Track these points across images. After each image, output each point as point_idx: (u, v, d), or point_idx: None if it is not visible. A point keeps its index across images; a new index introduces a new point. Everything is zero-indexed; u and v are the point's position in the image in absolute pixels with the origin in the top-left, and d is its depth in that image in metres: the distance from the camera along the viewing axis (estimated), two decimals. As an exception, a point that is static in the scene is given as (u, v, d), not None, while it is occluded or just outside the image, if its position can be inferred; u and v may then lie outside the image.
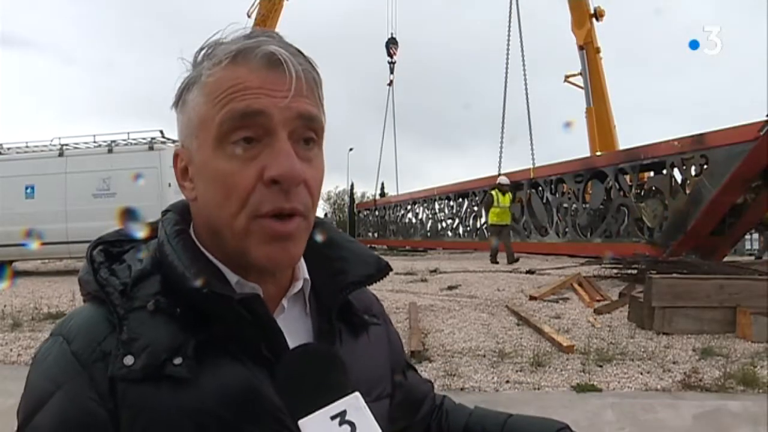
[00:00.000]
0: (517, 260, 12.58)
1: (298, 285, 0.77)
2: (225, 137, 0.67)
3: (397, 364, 0.93)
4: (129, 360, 0.64)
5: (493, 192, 13.30)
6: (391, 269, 0.85)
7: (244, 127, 0.67)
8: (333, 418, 0.67)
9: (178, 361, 0.65)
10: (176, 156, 0.75)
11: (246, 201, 0.67)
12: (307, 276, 0.78)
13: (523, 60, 19.40)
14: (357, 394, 0.69)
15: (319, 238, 0.80)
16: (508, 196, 13.43)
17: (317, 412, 0.67)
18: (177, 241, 0.72)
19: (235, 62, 0.68)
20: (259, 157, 0.67)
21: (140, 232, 0.76)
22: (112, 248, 0.76)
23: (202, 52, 0.71)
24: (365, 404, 0.69)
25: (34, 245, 12.12)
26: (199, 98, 0.69)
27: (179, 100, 0.73)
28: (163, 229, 0.74)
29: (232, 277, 0.72)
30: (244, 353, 0.69)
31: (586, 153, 19.38)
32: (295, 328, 0.75)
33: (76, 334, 0.67)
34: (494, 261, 12.64)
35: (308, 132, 0.70)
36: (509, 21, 19.41)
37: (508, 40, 19.39)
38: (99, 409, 0.63)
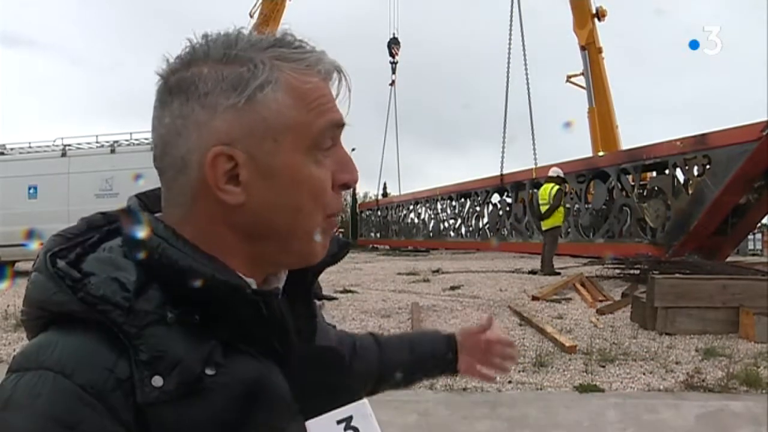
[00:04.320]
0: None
1: (283, 277, 0.76)
2: (319, 145, 0.69)
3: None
4: (158, 381, 0.59)
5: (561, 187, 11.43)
6: (351, 245, 0.91)
7: (331, 137, 0.70)
8: (339, 422, 0.69)
9: (210, 371, 0.62)
10: (220, 156, 0.65)
11: (325, 204, 0.70)
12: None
13: (525, 60, 19.44)
14: (365, 401, 0.71)
15: None
16: None
17: (325, 415, 0.68)
18: (183, 243, 0.66)
19: (318, 72, 0.69)
20: (327, 164, 0.70)
21: (141, 233, 0.68)
22: (58, 259, 0.66)
23: (248, 49, 0.67)
24: (372, 412, 0.71)
25: (37, 245, 12.14)
26: (286, 100, 0.67)
27: (245, 98, 0.65)
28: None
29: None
30: (255, 349, 0.68)
31: (588, 153, 19.38)
32: None
33: (75, 366, 0.58)
34: (556, 271, 10.83)
35: None
36: (510, 21, 19.43)
37: (510, 40, 19.43)
38: None
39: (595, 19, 21.37)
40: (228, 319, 0.65)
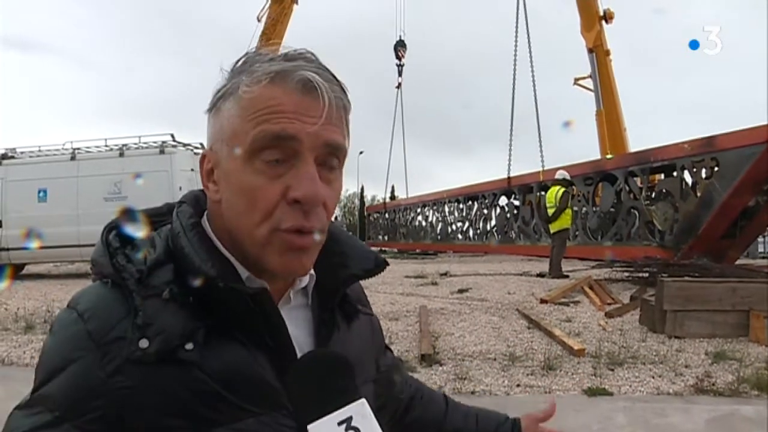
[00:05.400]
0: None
1: (305, 280, 0.83)
2: (255, 154, 0.71)
3: (379, 348, 1.02)
4: (144, 343, 0.69)
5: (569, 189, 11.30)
6: (388, 264, 0.91)
7: (274, 148, 0.71)
8: (340, 423, 0.72)
9: (189, 346, 0.70)
10: (204, 157, 0.79)
11: (269, 215, 0.72)
12: (313, 272, 0.83)
13: (532, 63, 19.35)
14: (363, 401, 0.74)
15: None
16: None
17: (325, 418, 0.71)
18: (193, 234, 0.76)
19: (273, 83, 0.71)
20: (284, 176, 0.72)
21: (138, 233, 0.80)
22: (114, 229, 0.80)
23: (240, 64, 0.75)
24: (371, 412, 0.74)
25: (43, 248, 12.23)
26: (234, 110, 0.73)
27: (213, 107, 0.77)
28: (178, 221, 0.78)
29: (243, 272, 0.76)
30: (247, 339, 0.74)
31: (596, 155, 19.29)
32: (297, 317, 0.81)
33: (91, 315, 0.71)
34: (564, 274, 10.72)
35: (332, 158, 0.75)
36: (516, 24, 19.39)
37: (516, 43, 19.37)
38: (104, 387, 0.67)
39: (603, 22, 21.31)
40: (218, 306, 0.73)
